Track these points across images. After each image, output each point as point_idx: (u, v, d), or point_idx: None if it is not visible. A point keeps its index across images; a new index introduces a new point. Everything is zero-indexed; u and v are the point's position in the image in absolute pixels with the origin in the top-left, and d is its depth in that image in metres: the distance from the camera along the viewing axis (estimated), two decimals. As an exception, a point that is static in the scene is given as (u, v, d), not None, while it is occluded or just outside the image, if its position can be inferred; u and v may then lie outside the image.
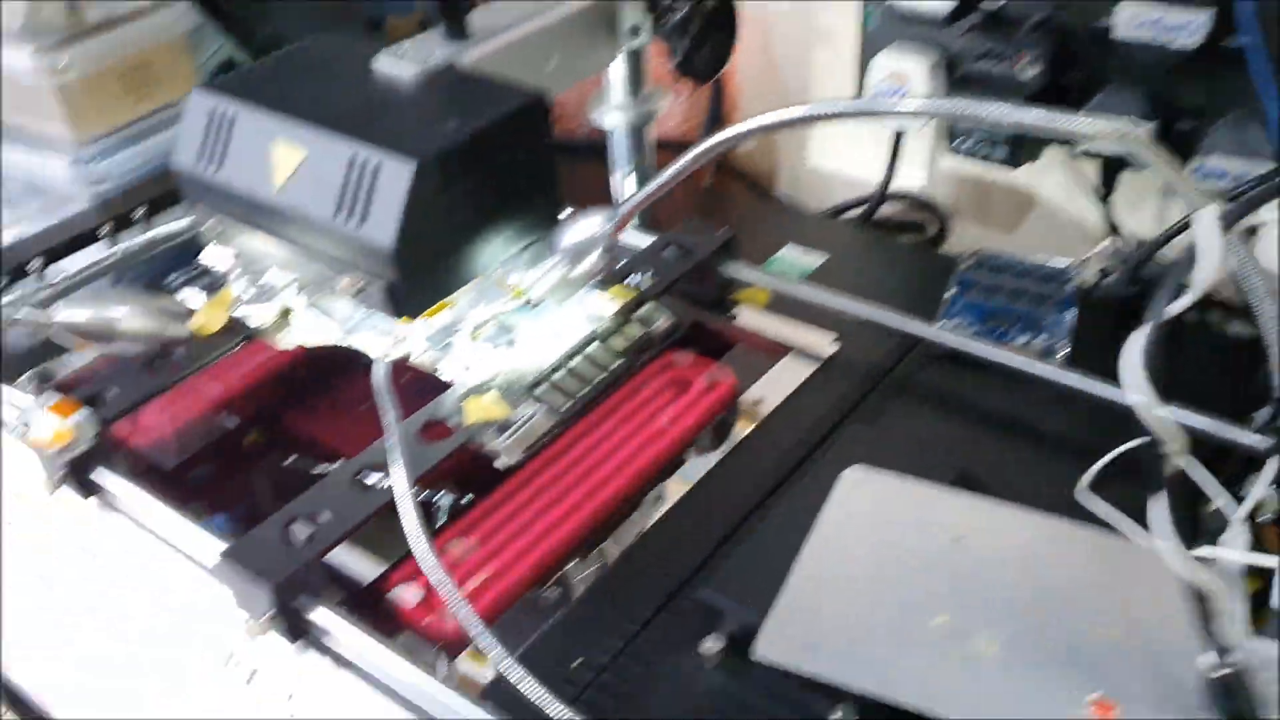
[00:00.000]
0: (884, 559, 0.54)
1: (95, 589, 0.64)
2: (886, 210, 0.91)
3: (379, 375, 0.57)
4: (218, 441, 0.75)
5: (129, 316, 0.62)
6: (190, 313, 0.66)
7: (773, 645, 0.50)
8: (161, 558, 0.62)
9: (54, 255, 0.80)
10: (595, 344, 0.65)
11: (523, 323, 0.68)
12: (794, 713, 0.51)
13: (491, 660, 0.49)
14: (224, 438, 0.75)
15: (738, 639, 0.53)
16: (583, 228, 0.59)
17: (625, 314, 0.67)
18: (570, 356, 0.64)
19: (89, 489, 0.64)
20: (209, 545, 0.58)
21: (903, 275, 0.80)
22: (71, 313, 0.61)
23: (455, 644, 0.59)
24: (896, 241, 0.88)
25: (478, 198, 0.60)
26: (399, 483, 0.52)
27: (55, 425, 0.61)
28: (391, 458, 0.54)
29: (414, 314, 0.60)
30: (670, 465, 0.69)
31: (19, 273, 0.79)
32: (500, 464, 0.60)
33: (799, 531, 0.55)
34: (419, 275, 0.59)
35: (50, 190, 0.93)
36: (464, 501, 0.66)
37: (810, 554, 0.54)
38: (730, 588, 0.53)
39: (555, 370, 0.63)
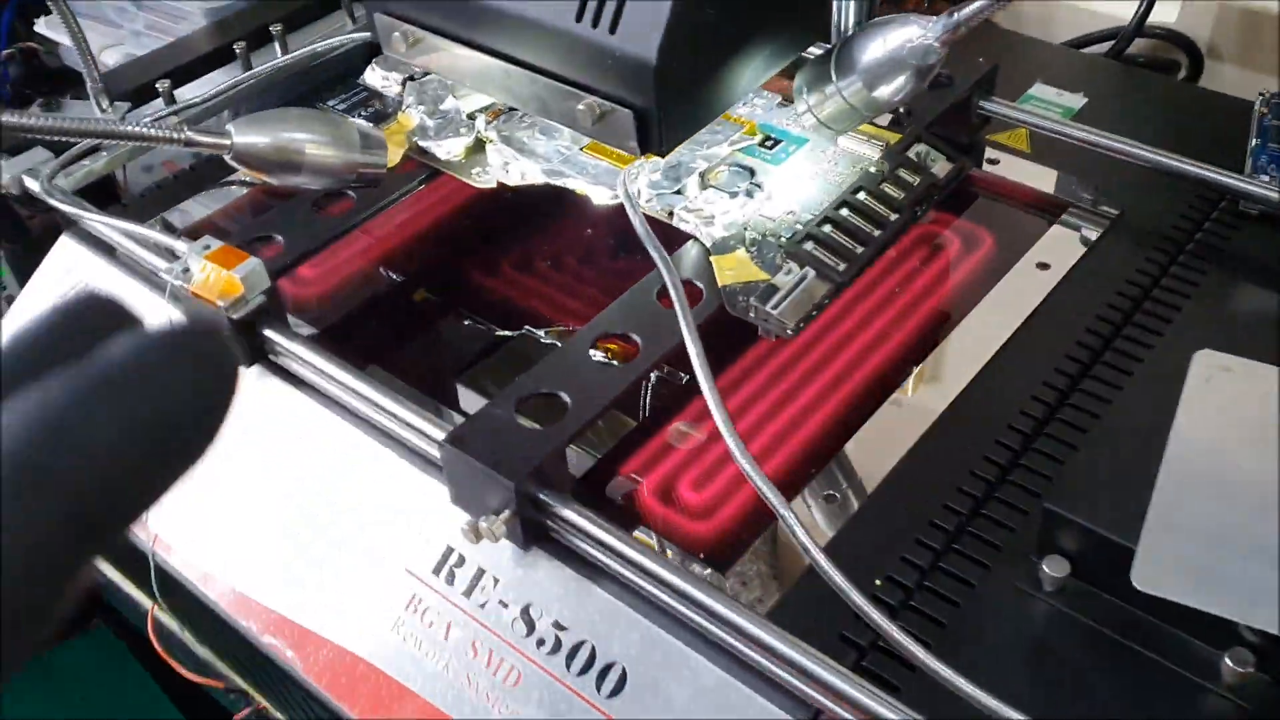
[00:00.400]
0: (1273, 467, 0.43)
1: (256, 473, 0.54)
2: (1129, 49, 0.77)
3: (636, 214, 0.46)
4: (382, 296, 0.64)
5: (320, 143, 0.50)
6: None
7: (1155, 572, 0.40)
8: (346, 440, 0.52)
9: (181, 77, 0.68)
10: (862, 193, 0.53)
11: (764, 165, 0.56)
12: (1167, 654, 0.41)
13: (807, 557, 0.39)
14: (390, 292, 0.64)
15: (1084, 560, 0.43)
16: (886, 41, 0.47)
17: (895, 157, 0.55)
18: (837, 208, 0.52)
19: (256, 354, 0.54)
20: (420, 429, 0.48)
21: (1181, 121, 0.67)
22: (251, 138, 0.49)
23: (710, 548, 0.50)
24: (1165, 81, 0.74)
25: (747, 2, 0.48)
26: (691, 343, 0.41)
27: (222, 276, 0.50)
28: (681, 311, 0.42)
29: (665, 149, 0.48)
30: (924, 346, 0.58)
31: (140, 96, 0.68)
32: (766, 333, 0.49)
33: (1150, 430, 0.45)
34: (677, 98, 0.47)
35: (158, 6, 0.81)
36: (684, 382, 0.55)
37: (1176, 458, 0.43)
38: (1079, 498, 0.43)
39: (822, 224, 0.52)
